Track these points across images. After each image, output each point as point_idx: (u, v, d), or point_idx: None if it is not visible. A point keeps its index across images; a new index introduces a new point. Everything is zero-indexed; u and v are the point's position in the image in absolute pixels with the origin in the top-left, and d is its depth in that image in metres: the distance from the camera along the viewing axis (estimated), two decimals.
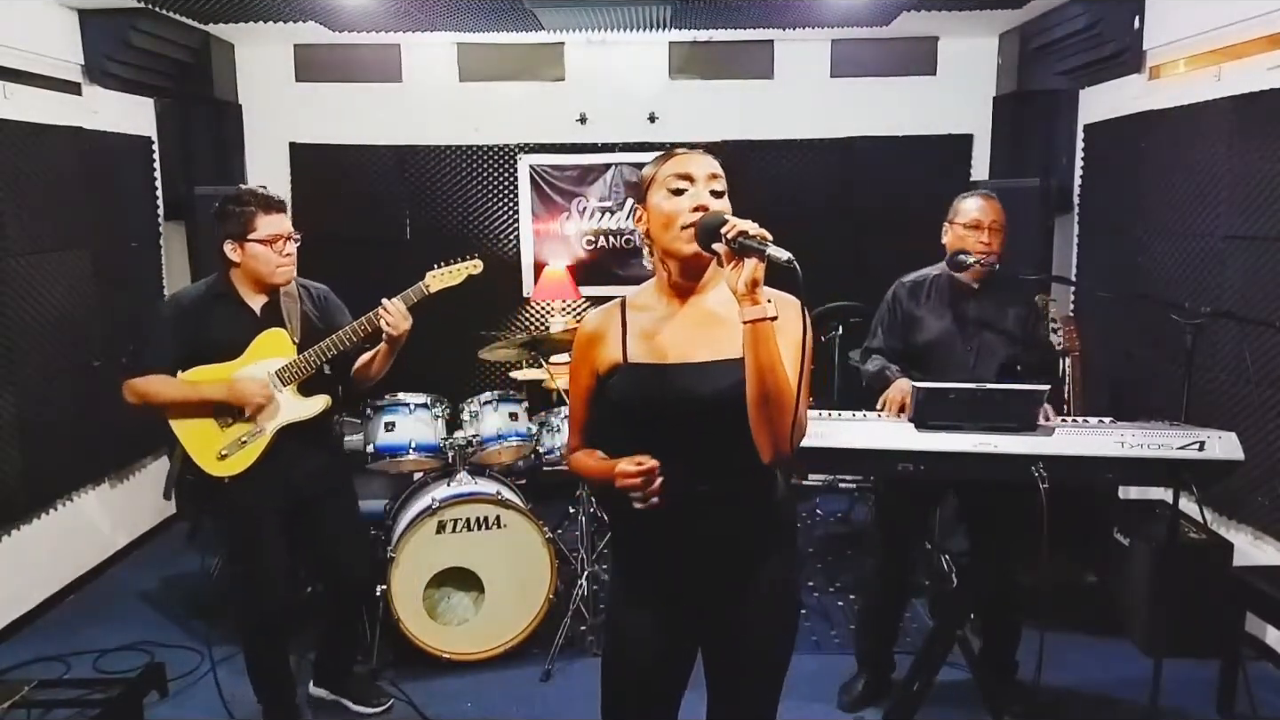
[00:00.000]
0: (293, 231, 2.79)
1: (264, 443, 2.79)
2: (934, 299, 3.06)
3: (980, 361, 2.99)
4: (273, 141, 5.35)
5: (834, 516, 5.05)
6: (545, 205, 5.47)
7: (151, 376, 2.76)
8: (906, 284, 3.13)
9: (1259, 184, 3.44)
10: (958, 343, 3.01)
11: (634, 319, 1.85)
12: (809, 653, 3.59)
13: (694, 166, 1.77)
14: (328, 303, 2.95)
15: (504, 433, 3.85)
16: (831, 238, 5.21)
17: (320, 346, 2.78)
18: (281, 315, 2.82)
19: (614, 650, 1.97)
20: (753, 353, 1.62)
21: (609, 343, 1.85)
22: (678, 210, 1.75)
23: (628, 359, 1.81)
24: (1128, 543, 3.66)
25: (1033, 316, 3.07)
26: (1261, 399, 3.43)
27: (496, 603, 3.50)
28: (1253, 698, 3.07)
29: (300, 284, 2.91)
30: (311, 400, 2.84)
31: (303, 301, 2.88)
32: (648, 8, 4.43)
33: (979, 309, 3.02)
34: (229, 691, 3.18)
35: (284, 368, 2.79)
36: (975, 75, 5.29)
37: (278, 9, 4.36)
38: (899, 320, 3.10)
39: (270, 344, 2.80)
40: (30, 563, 3.94)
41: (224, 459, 2.77)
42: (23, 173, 3.84)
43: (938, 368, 2.98)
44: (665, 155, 1.83)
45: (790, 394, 1.63)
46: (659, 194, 1.78)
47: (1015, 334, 3.01)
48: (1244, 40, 3.63)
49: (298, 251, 2.84)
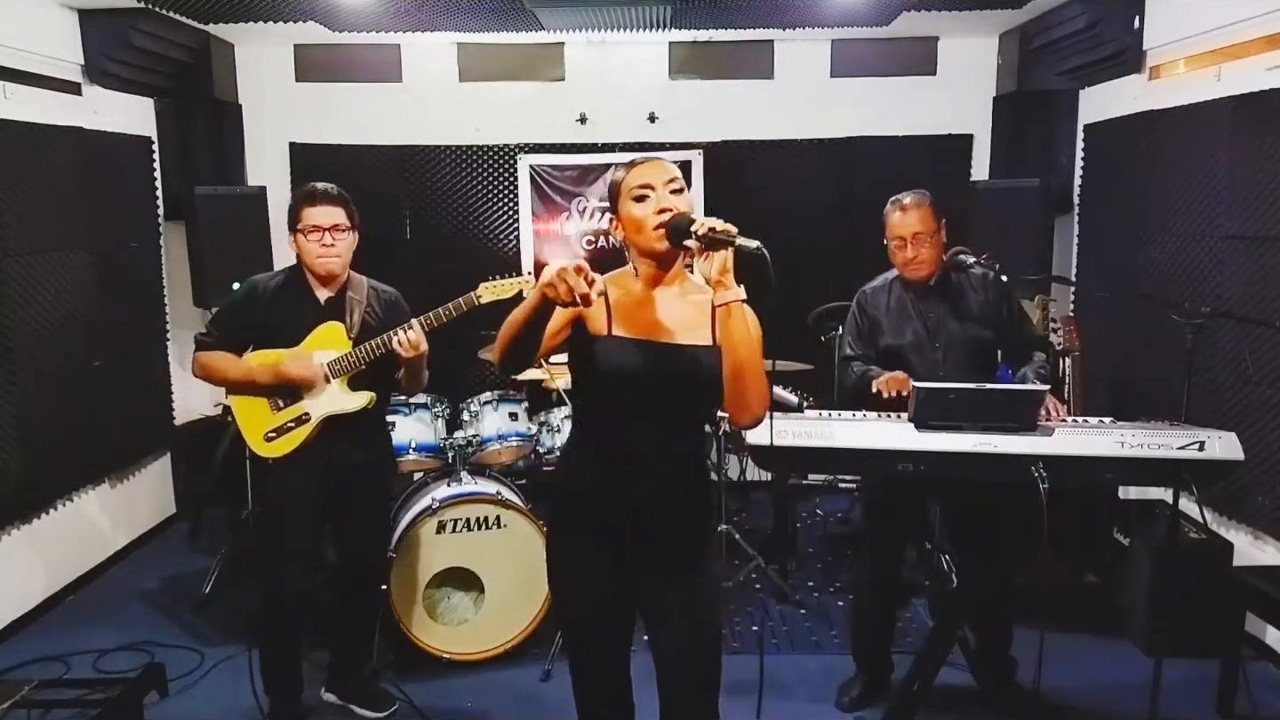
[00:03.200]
0: (340, 223, 2.87)
1: (308, 430, 2.90)
2: (894, 302, 3.07)
3: (951, 356, 2.99)
4: (273, 141, 5.35)
5: (834, 516, 5.05)
6: (545, 205, 5.47)
7: (216, 353, 2.92)
8: (868, 291, 3.14)
9: (1259, 184, 3.44)
10: (924, 341, 3.02)
11: (615, 297, 2.04)
12: (809, 653, 3.60)
13: (652, 176, 1.99)
14: (393, 307, 3.03)
15: (504, 433, 3.85)
16: (831, 238, 5.20)
17: (368, 345, 2.86)
18: (344, 309, 2.93)
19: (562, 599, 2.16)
20: (728, 330, 1.89)
21: (598, 311, 2.02)
22: (644, 215, 1.97)
23: (611, 331, 2.01)
24: (1128, 543, 3.67)
25: (1003, 298, 3.04)
26: (1261, 399, 3.43)
27: (496, 603, 3.50)
28: (1253, 698, 3.07)
29: (371, 285, 3.02)
30: (357, 395, 2.92)
31: (368, 301, 2.97)
32: (648, 8, 4.43)
33: (938, 302, 3.03)
34: (229, 691, 3.18)
35: (335, 360, 2.88)
36: (975, 75, 5.28)
37: (278, 9, 4.36)
38: (866, 329, 3.11)
39: (327, 336, 2.91)
40: (30, 563, 3.94)
41: (270, 441, 2.91)
42: (23, 173, 3.84)
43: (909, 368, 2.98)
44: (627, 166, 2.04)
45: (761, 363, 1.92)
46: (627, 203, 2.01)
47: (982, 320, 3.00)
48: (1244, 40, 3.63)
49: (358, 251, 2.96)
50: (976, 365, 3.00)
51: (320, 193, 2.88)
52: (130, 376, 4.53)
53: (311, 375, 2.86)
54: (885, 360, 3.06)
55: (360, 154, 5.37)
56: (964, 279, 3.06)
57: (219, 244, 4.66)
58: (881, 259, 3.15)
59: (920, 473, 2.55)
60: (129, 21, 4.26)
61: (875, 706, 3.17)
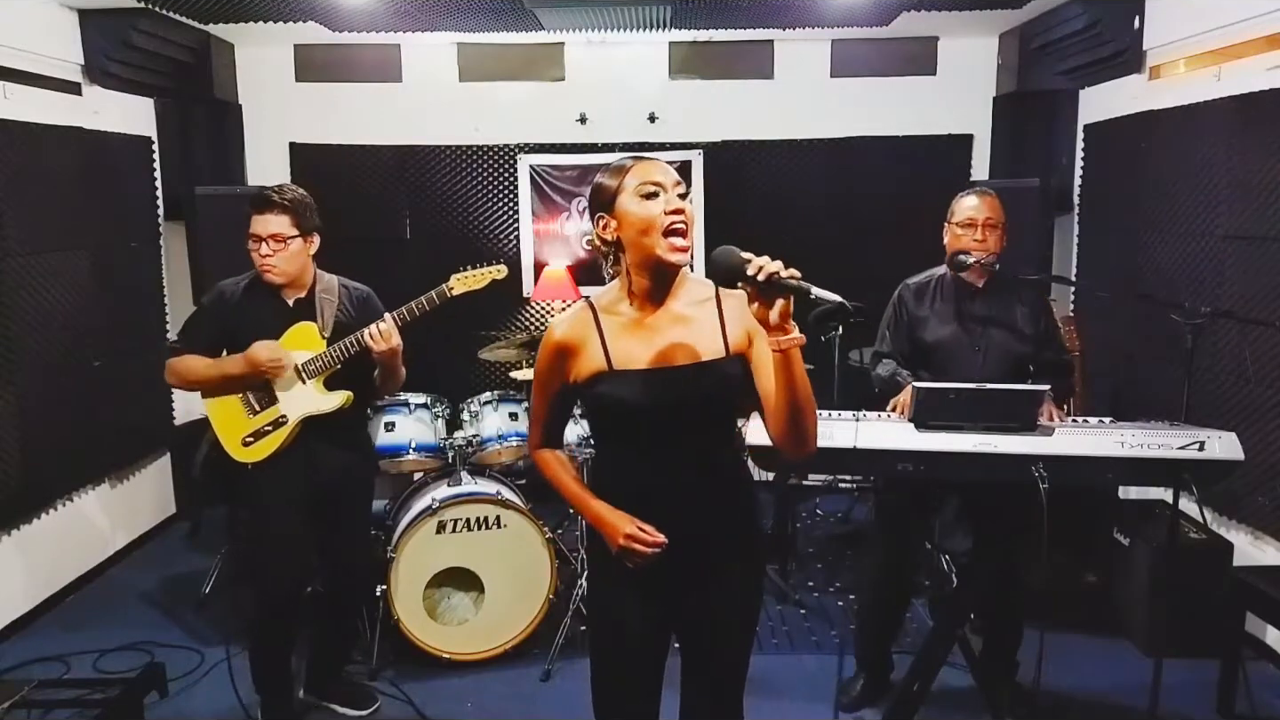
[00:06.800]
0: (280, 233, 2.77)
1: (286, 432, 2.85)
2: (939, 300, 3.05)
3: (989, 361, 2.96)
4: (273, 141, 5.35)
5: (834, 516, 5.05)
6: (545, 205, 5.47)
7: (187, 357, 2.87)
8: (912, 286, 3.11)
9: (1259, 184, 3.44)
10: (965, 343, 2.99)
11: (608, 323, 1.89)
12: (809, 653, 3.59)
13: (660, 175, 1.82)
14: (366, 305, 2.98)
15: (504, 433, 3.85)
16: (831, 238, 5.21)
17: (342, 344, 2.82)
18: (314, 309, 2.88)
19: (600, 629, 2.06)
20: (787, 375, 1.71)
21: (588, 350, 1.88)
22: (654, 215, 1.78)
23: (612, 366, 1.85)
24: (1128, 543, 3.66)
25: (1044, 314, 3.05)
26: (1261, 399, 3.43)
27: (496, 603, 3.50)
28: (1253, 698, 3.07)
29: (342, 283, 2.97)
30: (333, 395, 2.88)
31: (340, 300, 2.93)
32: (648, 8, 4.43)
33: (985, 308, 3.00)
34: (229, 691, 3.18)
35: (310, 360, 2.84)
36: (975, 75, 5.28)
37: (278, 9, 4.36)
38: (905, 323, 3.08)
39: (300, 336, 2.87)
40: (30, 563, 3.94)
41: (248, 445, 2.87)
42: (23, 173, 3.84)
43: (946, 369, 2.96)
44: (624, 166, 1.84)
45: (813, 400, 1.77)
46: (631, 201, 1.80)
47: (1024, 332, 2.98)
48: (1244, 40, 3.63)
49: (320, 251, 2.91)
50: (1014, 373, 2.97)
51: (264, 200, 2.79)
52: (130, 376, 4.52)
53: (280, 360, 2.79)
54: (920, 357, 3.03)
55: (360, 154, 5.37)
56: (1014, 288, 3.03)
57: (219, 244, 4.63)
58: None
59: (920, 473, 2.54)
60: (129, 21, 4.26)
61: (876, 706, 3.17)
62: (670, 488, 1.87)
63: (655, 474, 1.88)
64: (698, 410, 1.85)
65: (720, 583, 1.97)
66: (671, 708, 2.10)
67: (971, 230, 2.97)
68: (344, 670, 3.30)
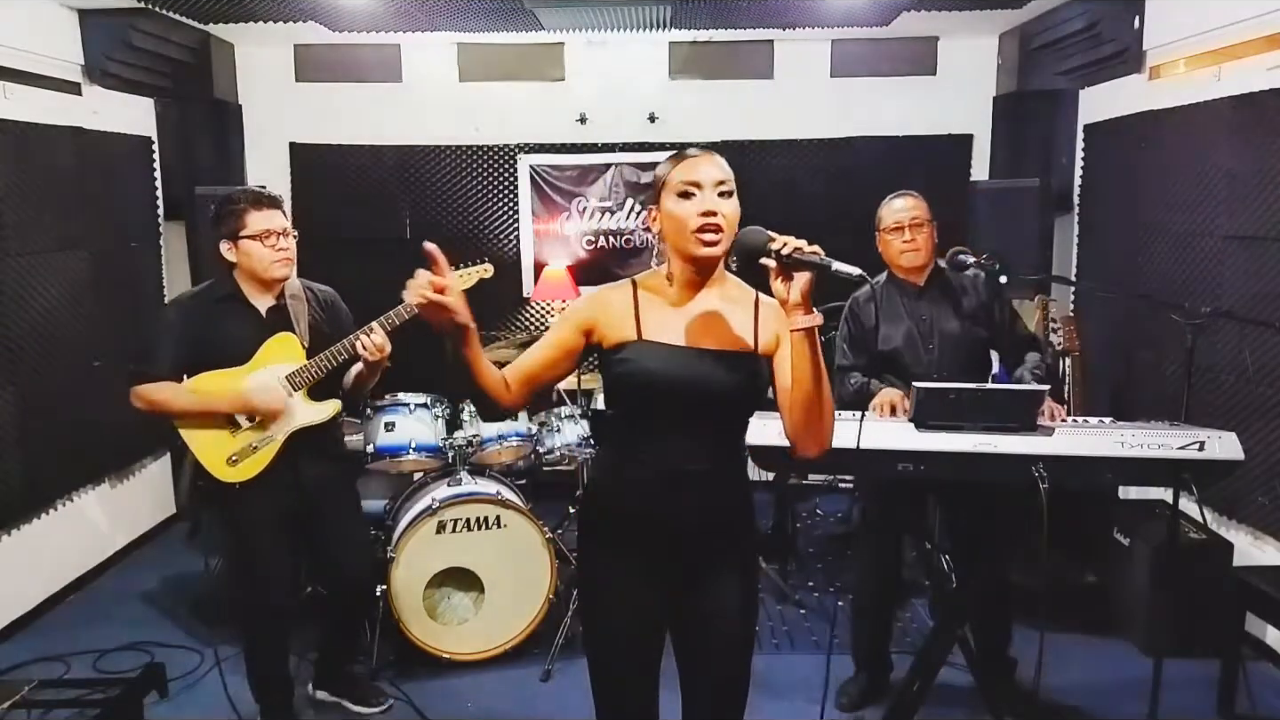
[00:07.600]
0: (287, 227, 2.78)
1: (275, 448, 2.78)
2: (885, 306, 3.07)
3: (944, 356, 2.99)
4: (273, 141, 5.35)
5: (834, 516, 5.05)
6: (545, 205, 5.47)
7: (161, 384, 2.74)
8: (859, 298, 3.13)
9: (1259, 184, 3.44)
10: (918, 344, 3.02)
11: (645, 300, 1.93)
12: (809, 653, 3.59)
13: (700, 173, 1.84)
14: (334, 307, 2.94)
15: (504, 433, 3.85)
16: (831, 238, 5.17)
17: (330, 352, 2.77)
18: (289, 318, 2.81)
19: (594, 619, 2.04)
20: (807, 357, 1.76)
21: (622, 318, 1.91)
22: (686, 215, 1.83)
23: (641, 336, 1.88)
24: (1128, 543, 3.66)
25: (990, 298, 3.04)
26: (1261, 399, 3.43)
27: (496, 603, 3.50)
28: (1253, 697, 3.07)
29: (307, 286, 2.90)
30: (323, 405, 2.83)
31: (310, 305, 2.87)
32: (648, 8, 4.43)
33: (929, 306, 3.03)
34: (230, 691, 3.18)
35: (294, 373, 2.77)
36: (975, 75, 5.28)
37: (278, 9, 4.36)
38: (859, 335, 3.11)
39: (280, 348, 2.78)
40: (30, 563, 3.94)
41: (234, 464, 2.77)
42: (23, 173, 3.84)
43: (908, 370, 2.98)
44: (677, 157, 1.89)
45: (830, 395, 1.81)
46: (669, 198, 1.86)
47: (975, 320, 3.01)
48: (1244, 40, 3.62)
49: (298, 252, 2.83)
50: (971, 365, 3.01)
51: (266, 196, 2.77)
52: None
53: (281, 408, 2.74)
54: (880, 365, 3.05)
55: (360, 154, 5.37)
56: (955, 280, 3.06)
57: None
58: (881, 258, 3.14)
59: (920, 473, 2.54)
60: (129, 21, 4.26)
61: (876, 706, 3.17)
62: (674, 477, 1.88)
63: (662, 461, 1.88)
64: (715, 395, 1.86)
65: (718, 583, 1.97)
66: (672, 709, 2.10)
67: (899, 234, 3.00)
68: (353, 668, 3.30)
